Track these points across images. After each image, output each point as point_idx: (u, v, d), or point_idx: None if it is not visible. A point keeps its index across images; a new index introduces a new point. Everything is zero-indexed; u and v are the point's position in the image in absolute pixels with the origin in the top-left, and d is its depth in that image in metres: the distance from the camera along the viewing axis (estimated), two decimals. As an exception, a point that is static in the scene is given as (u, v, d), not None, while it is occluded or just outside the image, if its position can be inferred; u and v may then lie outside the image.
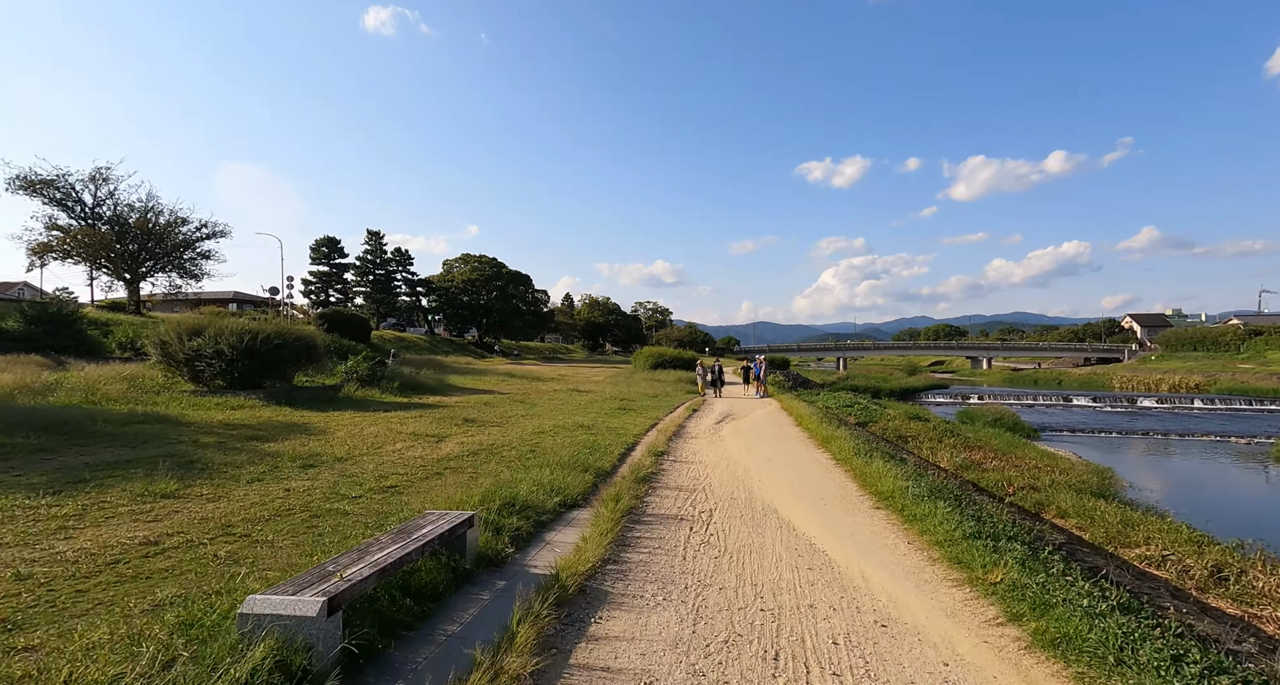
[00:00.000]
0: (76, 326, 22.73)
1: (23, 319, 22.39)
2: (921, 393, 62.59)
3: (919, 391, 63.44)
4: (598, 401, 18.60)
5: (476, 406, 15.38)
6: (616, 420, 13.81)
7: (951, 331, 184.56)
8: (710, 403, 20.56)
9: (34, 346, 20.25)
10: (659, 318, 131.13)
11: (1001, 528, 5.59)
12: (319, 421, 10.97)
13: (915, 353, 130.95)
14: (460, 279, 69.58)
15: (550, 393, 21.31)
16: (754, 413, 17.71)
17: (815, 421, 14.10)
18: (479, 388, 22.18)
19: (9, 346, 19.80)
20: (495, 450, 8.99)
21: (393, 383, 17.36)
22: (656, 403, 19.39)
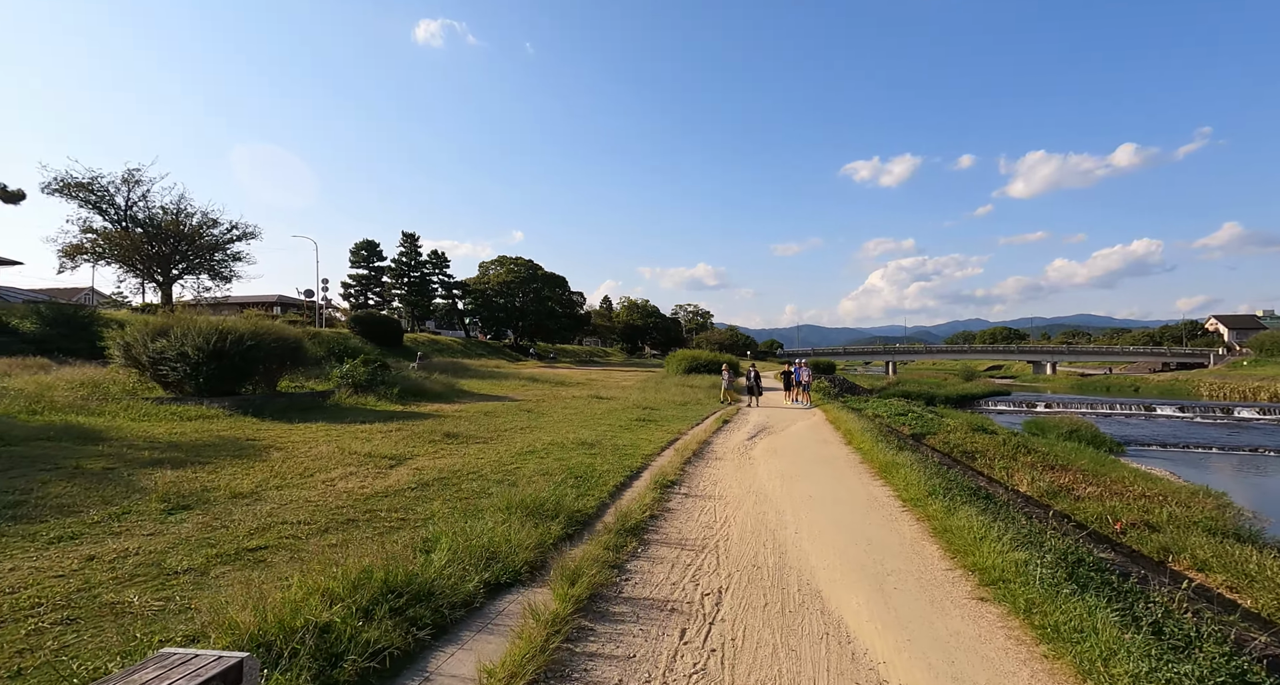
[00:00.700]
0: (92, 328, 22.27)
1: (39, 321, 22.07)
2: (981, 400, 58.12)
3: (978, 398, 58.97)
4: (616, 410, 16.57)
5: (474, 417, 13.59)
6: (629, 436, 11.75)
7: (1010, 334, 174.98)
8: (745, 413, 18.23)
9: (45, 348, 19.74)
10: (699, 320, 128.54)
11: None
12: (275, 437, 9.34)
13: (970, 357, 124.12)
14: (495, 281, 68.95)
15: (568, 399, 19.41)
16: (794, 426, 15.34)
17: (869, 440, 11.66)
18: (492, 393, 20.47)
19: (22, 348, 19.31)
20: (455, 479, 7.07)
21: (393, 388, 15.84)
22: (683, 412, 17.22)
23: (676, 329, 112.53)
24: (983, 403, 56.26)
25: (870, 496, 7.47)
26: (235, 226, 33.26)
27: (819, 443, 12.42)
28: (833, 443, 12.45)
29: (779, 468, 9.33)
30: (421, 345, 53.33)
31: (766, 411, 18.72)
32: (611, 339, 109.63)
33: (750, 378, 20.70)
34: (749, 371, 21.19)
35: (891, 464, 8.83)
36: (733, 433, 13.70)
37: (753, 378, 20.68)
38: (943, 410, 40.89)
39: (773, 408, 20.32)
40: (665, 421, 14.77)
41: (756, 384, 20.64)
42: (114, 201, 29.73)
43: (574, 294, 76.63)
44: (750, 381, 20.69)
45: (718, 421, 15.47)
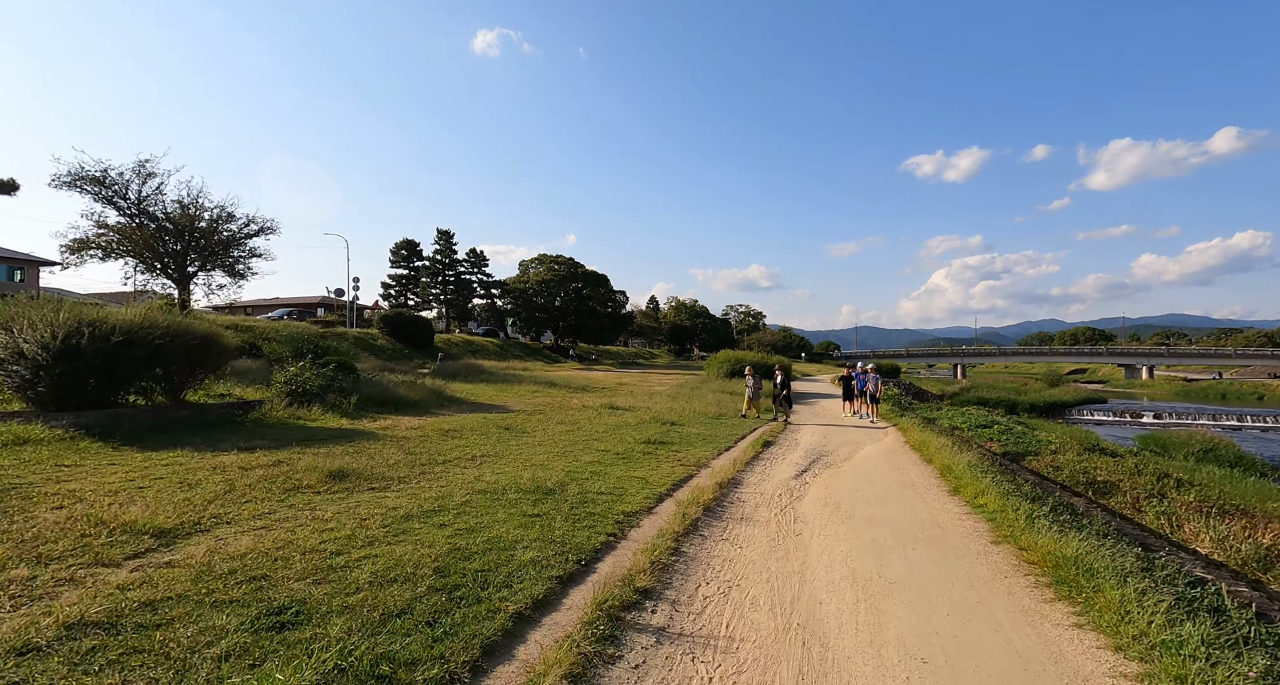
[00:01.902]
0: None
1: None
2: (1072, 408, 51.10)
3: (1068, 406, 51.91)
4: (627, 427, 12.87)
5: (423, 439, 10.15)
6: (620, 471, 8.06)
7: (1094, 335, 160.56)
8: (793, 432, 14.13)
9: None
10: (751, 321, 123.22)
11: None
12: (37, 479, 6.16)
13: (1050, 359, 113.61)
14: (535, 280, 66.54)
15: (574, 410, 15.85)
16: (860, 452, 11.20)
17: (991, 489, 7.43)
18: (487, 401, 17.15)
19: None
20: (180, 606, 3.53)
21: (349, 397, 12.67)
22: (713, 429, 13.36)
23: (726, 330, 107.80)
24: (1074, 411, 49.31)
25: (1052, 652, 3.48)
26: (252, 221, 31.55)
27: (903, 487, 8.28)
28: (925, 488, 8.29)
29: (845, 547, 5.41)
30: (455, 346, 51.27)
31: (822, 430, 14.54)
32: (658, 340, 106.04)
33: (777, 384, 16.54)
34: (775, 376, 16.94)
35: (1067, 559, 4.67)
36: (774, 465, 9.75)
37: (780, 383, 16.57)
38: (1031, 421, 35.10)
39: (830, 424, 16.09)
40: (685, 445, 10.96)
41: (785, 393, 16.52)
42: (127, 194, 28.38)
43: (617, 293, 73.45)
44: (777, 389, 16.53)
45: (756, 444, 11.52)
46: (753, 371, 17.59)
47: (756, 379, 17.17)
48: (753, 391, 16.93)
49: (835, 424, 16.16)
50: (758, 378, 17.37)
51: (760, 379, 17.44)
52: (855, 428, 15.17)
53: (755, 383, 17.00)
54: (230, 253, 31.73)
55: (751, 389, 16.98)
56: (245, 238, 31.91)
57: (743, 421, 15.17)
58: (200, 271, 31.23)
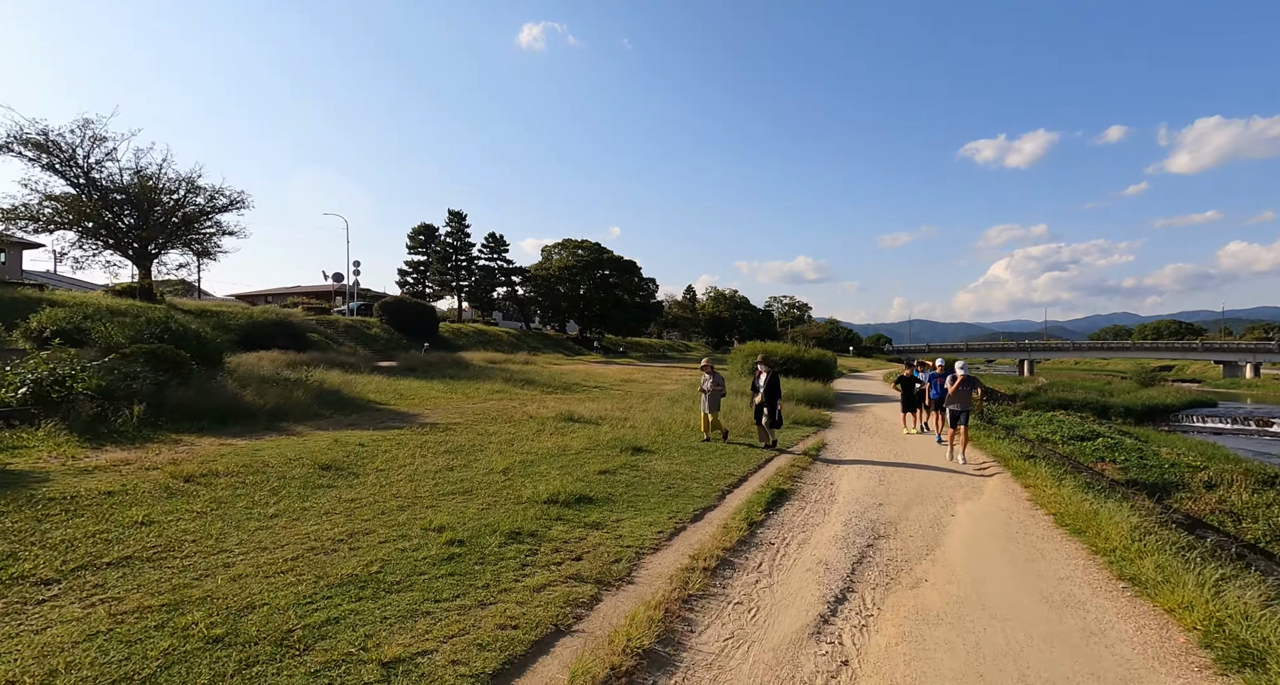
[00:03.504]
0: None
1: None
2: (1178, 413, 43.24)
3: (1172, 411, 44.00)
4: (556, 459, 7.98)
5: (69, 512, 5.54)
6: (394, 611, 3.32)
7: (1181, 328, 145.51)
8: (825, 475, 8.86)
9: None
10: (795, 313, 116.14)
11: None
12: None
13: (1131, 354, 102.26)
14: (557, 266, 62.28)
15: (510, 424, 11.09)
16: (952, 531, 5.99)
17: None
18: (405, 408, 12.55)
19: None
20: None
21: (135, 408, 8.08)
22: (698, 464, 8.35)
23: (768, 322, 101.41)
24: (1181, 416, 41.54)
25: None
26: (219, 193, 28.15)
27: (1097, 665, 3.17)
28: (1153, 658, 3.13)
29: None
30: (465, 337, 47.46)
31: (876, 471, 9.23)
32: (695, 332, 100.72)
33: (758, 387, 10.36)
34: (758, 376, 10.56)
35: None
36: (777, 569, 4.73)
37: (762, 388, 10.28)
38: (1134, 429, 28.43)
39: (887, 456, 10.77)
40: (624, 506, 6.08)
41: (770, 400, 10.19)
42: (74, 161, 25.29)
43: (646, 281, 68.50)
44: (758, 392, 10.39)
45: (754, 505, 6.48)
46: (707, 368, 10.77)
47: (717, 378, 10.50)
48: (710, 399, 10.38)
49: (895, 451, 10.84)
50: (719, 376, 10.59)
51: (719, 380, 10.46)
52: (929, 463, 9.82)
53: (716, 384, 10.43)
54: (196, 229, 28.50)
55: (709, 395, 10.41)
56: (212, 212, 28.61)
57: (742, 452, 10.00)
58: (163, 250, 28.12)
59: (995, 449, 10.60)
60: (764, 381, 10.28)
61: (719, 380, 10.57)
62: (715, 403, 10.49)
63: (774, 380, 10.33)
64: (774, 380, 10.33)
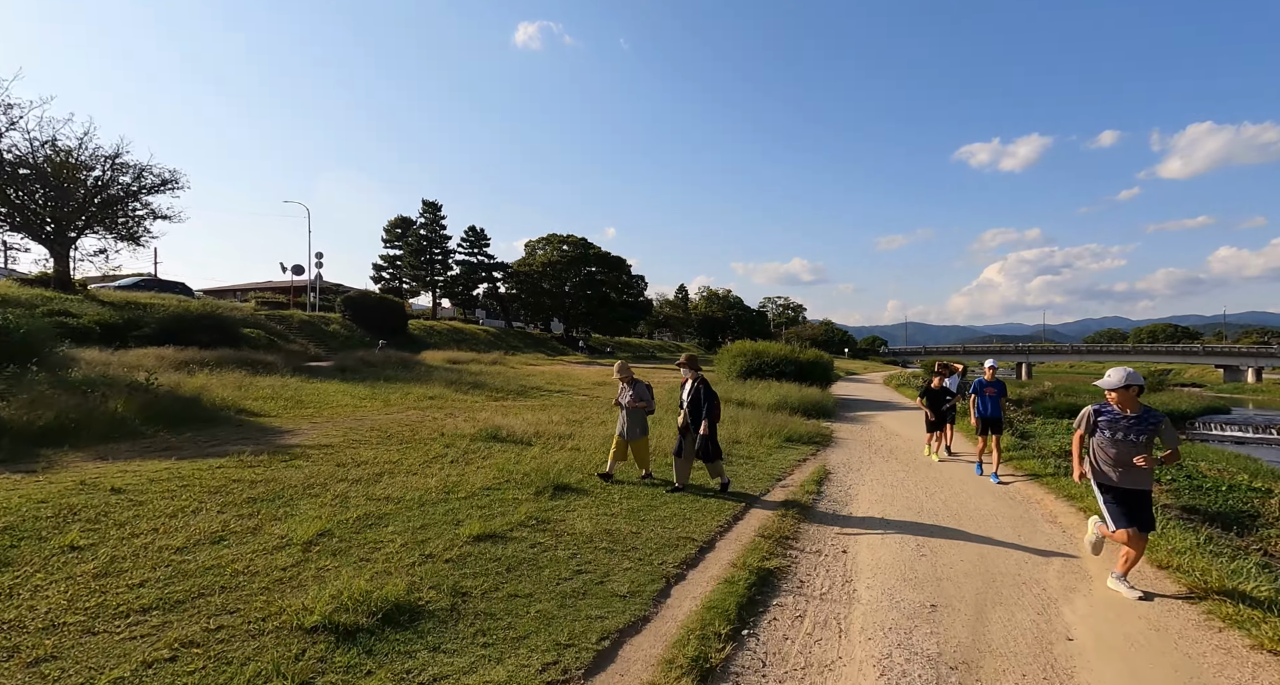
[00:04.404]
0: None
1: None
2: (1193, 420, 40.83)
3: (1188, 418, 41.60)
4: (415, 531, 5.12)
5: None
6: None
7: (1177, 332, 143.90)
8: (831, 542, 6.04)
9: None
10: (790, 314, 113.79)
11: None
12: None
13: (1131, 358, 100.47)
14: (541, 262, 59.38)
15: (416, 445, 8.28)
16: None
17: None
18: (285, 424, 9.63)
19: None
20: None
21: None
22: (635, 525, 5.54)
23: (762, 322, 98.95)
24: (1199, 424, 39.10)
25: None
26: (147, 171, 25.12)
27: None
28: None
29: None
30: (438, 334, 44.51)
31: (907, 537, 6.47)
32: (687, 333, 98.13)
33: (686, 399, 7.04)
34: (685, 386, 7.20)
35: None
36: None
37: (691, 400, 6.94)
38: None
39: (924, 519, 8.01)
40: (485, 632, 3.28)
41: (694, 420, 6.84)
42: (-28, 132, 22.23)
43: (635, 278, 65.67)
44: (686, 417, 6.99)
45: (724, 605, 3.73)
46: (625, 373, 7.29)
47: (640, 389, 7.18)
48: (629, 419, 7.08)
49: (926, 486, 8.09)
50: (644, 387, 7.26)
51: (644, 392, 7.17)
52: (980, 509, 7.06)
53: (638, 397, 7.13)
54: (120, 211, 25.46)
55: (628, 413, 7.10)
56: (140, 192, 25.58)
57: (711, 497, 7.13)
58: (82, 235, 25.09)
59: (1024, 464, 7.84)
60: (688, 393, 6.95)
61: (643, 392, 7.14)
62: (637, 425, 7.05)
63: (700, 393, 6.81)
64: (700, 393, 6.81)
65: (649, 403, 7.22)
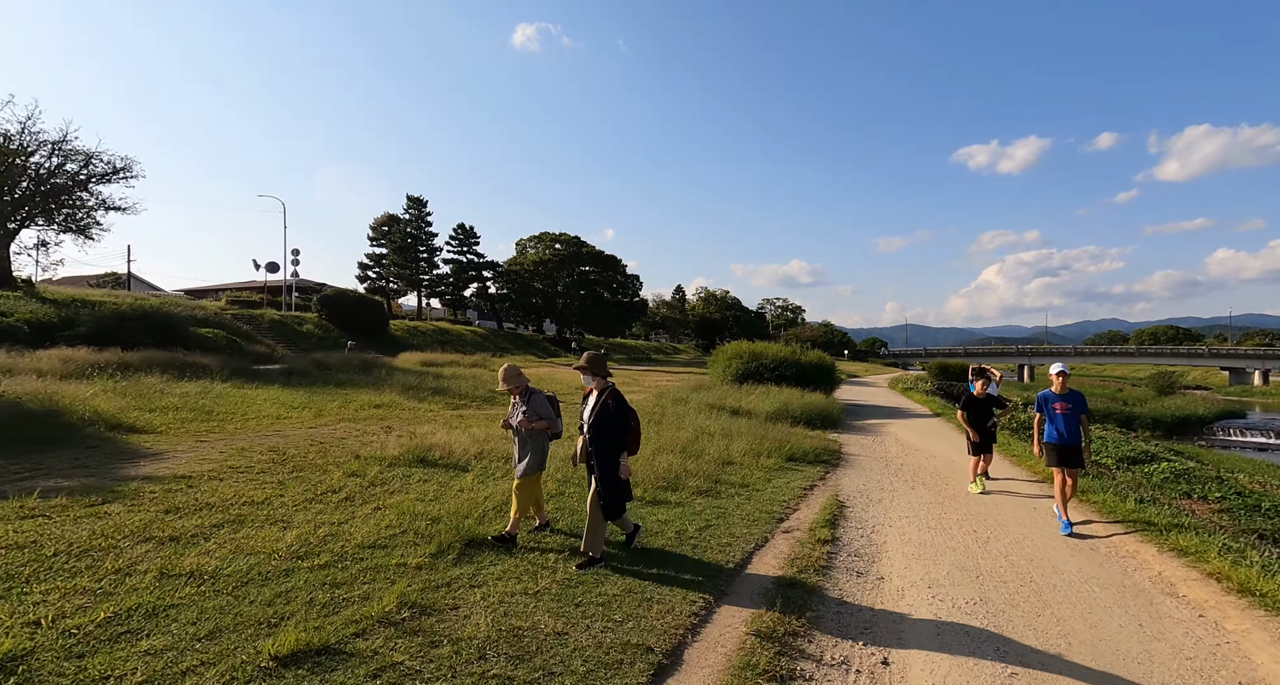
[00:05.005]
0: None
1: None
2: (1210, 425, 39.13)
3: (1205, 423, 39.91)
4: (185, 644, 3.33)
5: None
6: None
7: (1179, 334, 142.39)
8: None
9: None
10: (789, 316, 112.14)
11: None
12: None
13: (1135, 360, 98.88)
14: (532, 261, 57.51)
15: (315, 471, 6.43)
16: None
17: None
18: (161, 444, 7.72)
19: None
20: None
21: None
22: (562, 619, 3.68)
23: (760, 324, 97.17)
24: (1217, 429, 37.36)
25: None
26: (95, 159, 23.24)
27: None
28: None
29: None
30: (421, 335, 42.56)
31: (985, 662, 4.63)
32: (684, 334, 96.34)
33: (589, 418, 4.58)
34: (587, 397, 4.77)
35: None
36: None
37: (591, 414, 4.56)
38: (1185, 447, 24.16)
39: (995, 607, 6.12)
40: None
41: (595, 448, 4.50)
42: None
43: (631, 277, 63.79)
44: (585, 439, 4.66)
45: None
46: (516, 380, 4.93)
47: (538, 400, 4.93)
48: (522, 450, 4.90)
49: (979, 535, 6.25)
50: (544, 399, 4.98)
51: (543, 403, 4.93)
52: (1064, 574, 5.21)
53: (534, 414, 4.84)
54: (66, 202, 23.57)
55: (519, 441, 4.91)
56: (89, 181, 23.70)
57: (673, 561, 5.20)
58: (24, 227, 23.19)
59: (1125, 512, 5.99)
60: (590, 410, 4.62)
61: (542, 407, 4.88)
62: (532, 454, 4.85)
63: (607, 410, 4.51)
64: (607, 410, 4.51)
65: (553, 422, 4.96)
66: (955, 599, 4.24)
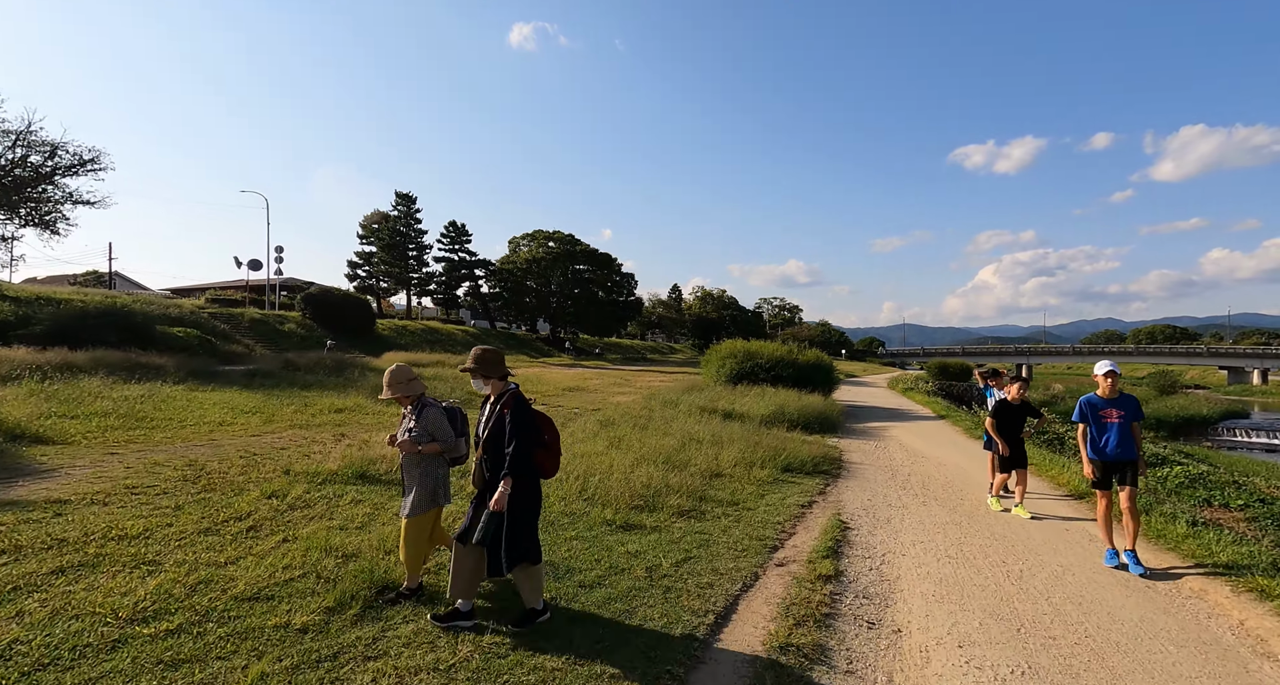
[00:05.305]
0: None
1: None
2: (1215, 425, 38.40)
3: (1209, 423, 39.19)
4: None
5: None
6: None
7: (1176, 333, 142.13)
8: None
9: None
10: (786, 315, 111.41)
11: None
12: None
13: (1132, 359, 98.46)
14: (525, 259, 56.51)
15: (224, 492, 5.52)
16: None
17: None
18: (65, 458, 6.81)
19: None
20: None
21: None
22: None
23: (758, 323, 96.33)
24: (1222, 430, 36.61)
25: None
26: (59, 149, 22.19)
27: None
28: None
29: None
30: (410, 335, 41.58)
31: None
32: (681, 334, 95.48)
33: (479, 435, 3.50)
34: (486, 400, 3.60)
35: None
36: None
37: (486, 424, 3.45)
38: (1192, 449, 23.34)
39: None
40: None
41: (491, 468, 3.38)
42: None
43: (626, 276, 62.82)
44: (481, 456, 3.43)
45: None
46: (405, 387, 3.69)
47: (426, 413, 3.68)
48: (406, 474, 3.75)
49: (1018, 576, 5.32)
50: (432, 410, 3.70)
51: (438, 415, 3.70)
52: (1127, 628, 4.28)
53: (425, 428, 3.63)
54: (29, 196, 22.51)
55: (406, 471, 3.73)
56: (55, 174, 22.67)
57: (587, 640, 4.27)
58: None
59: (1202, 550, 5.06)
60: (485, 420, 3.49)
61: (435, 423, 3.67)
62: (429, 486, 3.68)
63: (505, 422, 3.38)
64: (505, 422, 3.38)
65: (450, 444, 3.70)
66: (996, 666, 3.31)
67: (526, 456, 3.37)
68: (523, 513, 3.39)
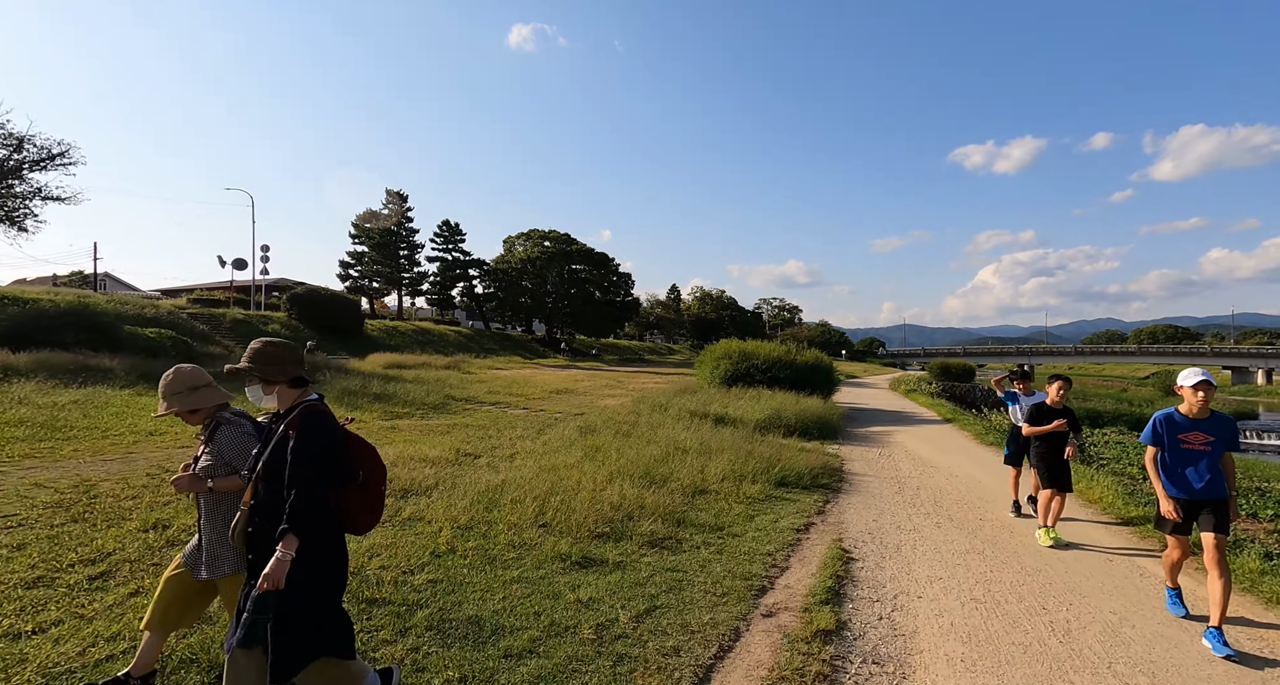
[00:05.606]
0: None
1: None
2: (1225, 427, 37.33)
3: (1219, 425, 38.10)
4: None
5: None
6: None
7: (1178, 333, 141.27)
8: None
9: None
10: (786, 315, 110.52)
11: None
12: None
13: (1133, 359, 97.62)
14: (520, 259, 55.58)
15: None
16: None
17: None
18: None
19: None
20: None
21: None
22: None
23: (757, 324, 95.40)
24: (1233, 433, 35.58)
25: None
26: (26, 142, 21.26)
27: None
28: None
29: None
30: (401, 336, 40.62)
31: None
32: (679, 334, 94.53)
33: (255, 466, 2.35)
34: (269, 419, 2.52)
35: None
36: None
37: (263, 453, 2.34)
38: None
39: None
40: None
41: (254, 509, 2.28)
42: None
43: (623, 276, 61.88)
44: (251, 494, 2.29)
45: None
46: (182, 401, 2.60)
47: (224, 435, 2.62)
48: (204, 517, 2.60)
49: (1044, 612, 4.35)
50: (234, 430, 2.63)
51: (239, 435, 2.63)
52: None
53: (223, 460, 2.58)
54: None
55: (204, 504, 2.61)
56: (22, 168, 21.74)
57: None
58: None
59: None
60: (262, 451, 2.36)
61: (235, 443, 2.58)
62: (228, 544, 2.51)
63: (280, 448, 2.27)
64: (280, 448, 2.27)
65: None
66: (1062, 787, 2.37)
67: (321, 502, 2.20)
68: (313, 590, 2.20)
